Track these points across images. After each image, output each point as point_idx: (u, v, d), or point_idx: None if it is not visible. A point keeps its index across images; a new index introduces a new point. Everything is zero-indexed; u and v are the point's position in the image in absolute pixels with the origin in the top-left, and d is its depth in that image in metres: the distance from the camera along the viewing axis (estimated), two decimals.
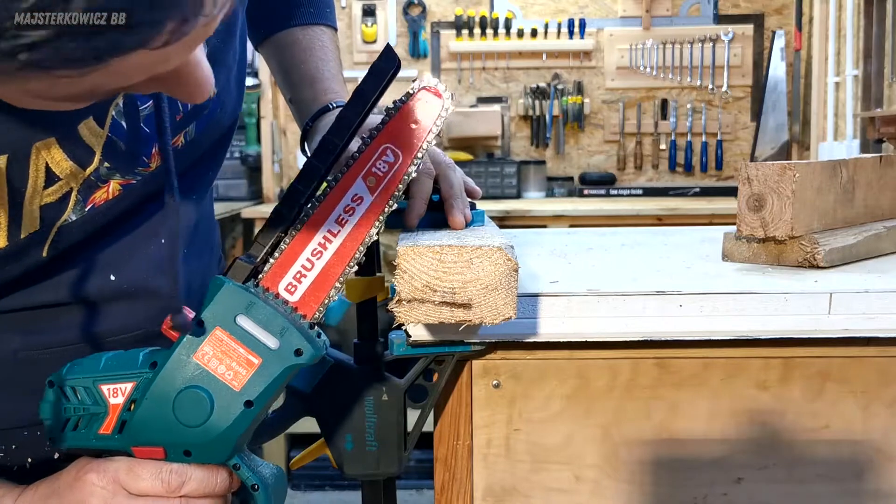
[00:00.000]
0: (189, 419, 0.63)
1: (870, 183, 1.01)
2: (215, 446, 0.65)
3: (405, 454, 0.82)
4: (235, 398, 0.63)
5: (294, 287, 0.66)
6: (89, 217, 0.72)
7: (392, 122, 0.69)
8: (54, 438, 0.66)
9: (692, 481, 0.83)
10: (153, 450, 0.65)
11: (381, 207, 0.67)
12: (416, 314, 0.70)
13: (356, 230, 0.66)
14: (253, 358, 0.63)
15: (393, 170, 0.68)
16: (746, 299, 0.76)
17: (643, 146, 3.99)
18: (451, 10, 3.95)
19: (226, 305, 0.63)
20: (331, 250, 0.66)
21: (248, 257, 0.66)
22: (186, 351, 0.63)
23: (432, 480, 0.85)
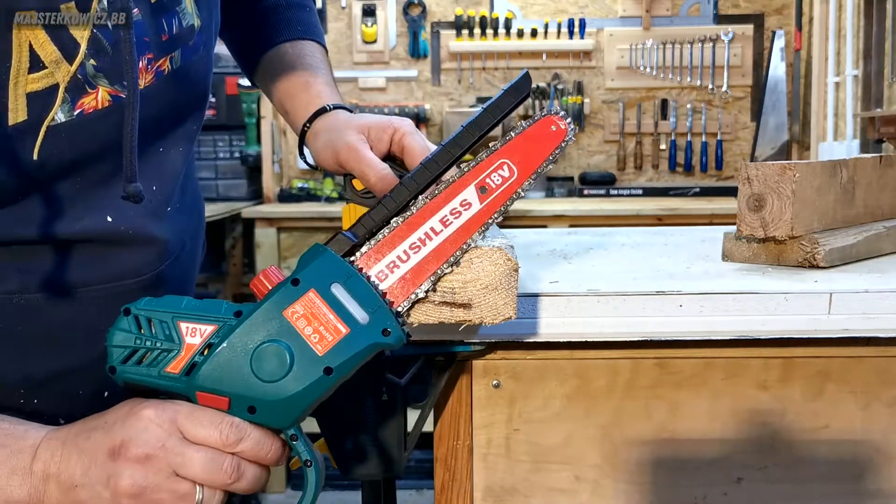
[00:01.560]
0: (265, 373, 0.63)
1: (870, 183, 1.01)
2: (283, 407, 0.64)
3: (405, 454, 0.82)
4: (316, 362, 0.63)
5: (385, 275, 0.68)
6: (78, 124, 0.71)
7: (514, 141, 0.72)
8: (115, 368, 0.64)
9: (692, 481, 0.83)
10: (218, 399, 0.63)
11: (486, 218, 0.70)
12: (415, 314, 0.70)
13: (458, 233, 0.69)
14: (341, 326, 0.63)
15: (505, 185, 0.70)
16: (746, 299, 0.76)
17: (643, 146, 3.99)
18: (451, 10, 3.95)
19: (323, 271, 0.64)
20: (429, 247, 0.68)
21: (351, 234, 0.68)
22: (277, 305, 0.63)
23: (432, 480, 0.85)
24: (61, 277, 0.76)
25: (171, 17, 0.78)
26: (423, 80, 3.97)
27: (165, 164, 0.83)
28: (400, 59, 3.98)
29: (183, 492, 0.62)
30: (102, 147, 0.74)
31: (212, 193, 3.55)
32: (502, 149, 0.71)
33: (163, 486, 0.61)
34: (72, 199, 0.74)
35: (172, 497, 0.62)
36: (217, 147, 3.60)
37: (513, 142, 0.72)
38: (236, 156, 3.63)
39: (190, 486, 0.62)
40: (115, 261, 0.79)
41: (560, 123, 0.72)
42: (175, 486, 0.62)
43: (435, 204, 0.69)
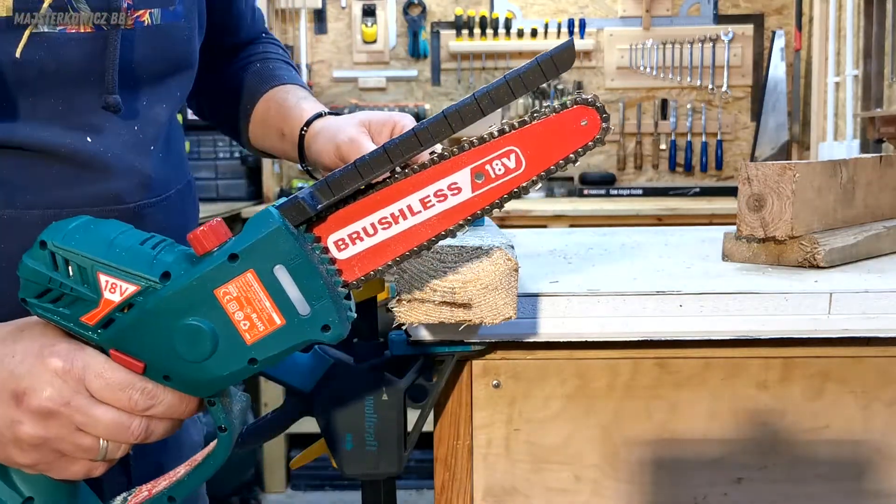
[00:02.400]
0: (185, 352, 0.57)
1: (870, 183, 1.01)
2: (201, 385, 0.59)
3: (405, 454, 0.82)
4: (242, 351, 0.57)
5: (345, 245, 0.59)
6: (59, 38, 0.74)
7: (532, 127, 0.59)
8: (27, 301, 0.59)
9: (692, 481, 0.83)
10: (133, 362, 0.58)
11: (475, 209, 0.59)
12: (416, 314, 0.70)
13: (437, 219, 0.59)
14: (276, 317, 0.57)
15: (508, 177, 0.59)
16: (746, 299, 0.76)
17: (643, 146, 3.99)
18: (451, 10, 3.95)
19: (269, 249, 0.56)
20: (400, 227, 0.59)
21: (311, 198, 0.58)
22: (208, 281, 0.56)
23: (432, 480, 0.85)
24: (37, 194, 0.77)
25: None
26: (423, 80, 3.98)
27: (149, 112, 0.84)
28: (400, 59, 3.98)
29: (86, 446, 0.61)
30: (84, 71, 0.76)
31: (212, 193, 3.55)
32: (514, 133, 0.58)
33: (65, 438, 0.60)
34: (51, 115, 0.76)
35: (75, 449, 0.61)
36: (217, 147, 3.60)
37: (529, 128, 0.58)
38: (236, 156, 3.63)
39: (94, 440, 0.61)
40: (94, 185, 0.79)
41: (594, 118, 0.59)
42: (78, 440, 0.60)
43: (419, 179, 0.59)
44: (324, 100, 3.97)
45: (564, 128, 0.59)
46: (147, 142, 0.84)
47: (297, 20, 3.92)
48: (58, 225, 0.59)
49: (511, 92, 0.56)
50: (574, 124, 0.59)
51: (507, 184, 0.59)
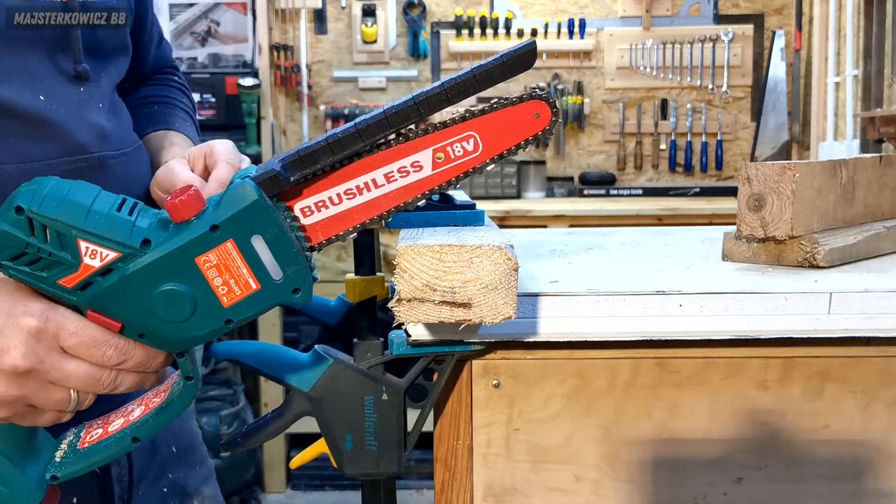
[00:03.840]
0: (164, 314, 0.60)
1: (870, 183, 1.01)
2: (177, 343, 0.62)
3: (405, 454, 0.82)
4: (220, 313, 0.61)
5: (311, 212, 0.64)
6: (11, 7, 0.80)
7: (490, 116, 0.66)
8: (1, 263, 0.60)
9: (692, 481, 0.83)
10: (110, 322, 0.61)
11: (433, 185, 0.65)
12: (415, 313, 0.70)
13: (398, 192, 0.65)
14: (252, 282, 0.60)
15: (466, 158, 0.65)
16: (746, 299, 0.76)
17: (643, 146, 3.99)
18: (451, 10, 3.95)
19: (248, 221, 0.59)
20: (364, 198, 0.65)
21: (283, 170, 0.62)
22: (189, 249, 0.59)
23: (432, 480, 0.85)
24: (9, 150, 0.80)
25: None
26: (423, 81, 3.97)
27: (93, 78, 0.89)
28: (400, 59, 3.98)
29: (58, 398, 0.63)
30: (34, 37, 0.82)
31: None
32: (474, 120, 0.65)
33: (39, 393, 0.62)
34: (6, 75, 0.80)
35: (47, 403, 0.63)
36: None
37: (488, 116, 0.65)
38: None
39: (65, 392, 0.63)
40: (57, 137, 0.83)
41: (545, 111, 0.66)
42: (49, 394, 0.62)
43: (384, 156, 0.64)
44: (324, 100, 3.97)
45: (519, 118, 0.66)
46: (95, 100, 0.89)
47: (297, 20, 3.92)
48: (31, 189, 0.59)
49: (477, 84, 0.62)
50: (528, 115, 0.66)
51: (464, 164, 0.66)
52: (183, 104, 1.14)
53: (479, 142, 0.66)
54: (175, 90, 1.16)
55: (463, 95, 0.63)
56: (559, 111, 0.66)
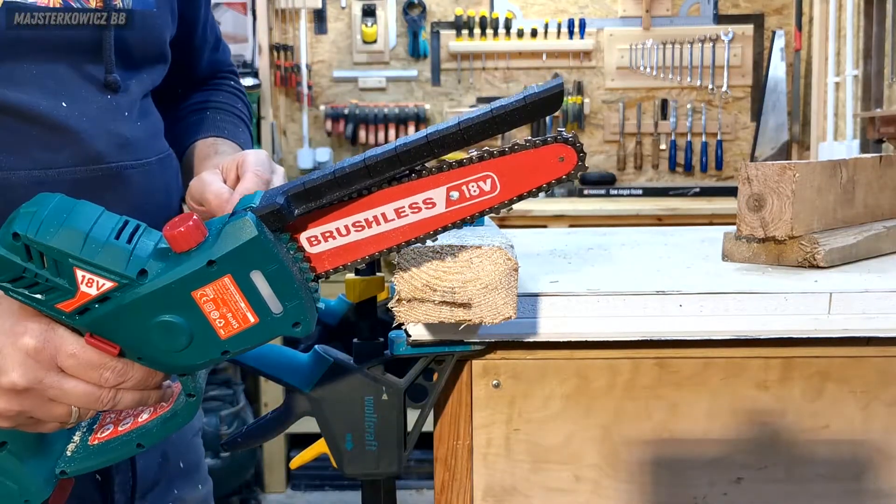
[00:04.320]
0: (161, 343, 0.60)
1: (870, 183, 1.01)
2: (175, 369, 0.62)
3: (405, 454, 0.82)
4: (216, 345, 0.61)
5: (317, 241, 0.63)
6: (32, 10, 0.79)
7: (510, 157, 0.62)
8: (0, 285, 0.60)
9: (692, 481, 0.83)
10: (108, 347, 0.61)
11: (445, 223, 0.63)
12: (415, 314, 0.70)
13: (409, 228, 0.63)
14: (251, 316, 0.60)
15: (481, 198, 0.63)
16: (746, 299, 0.76)
17: (643, 146, 3.99)
18: (451, 10, 3.95)
19: (246, 256, 0.58)
20: (374, 231, 0.63)
21: (286, 203, 0.60)
22: (186, 284, 0.58)
23: (432, 480, 0.85)
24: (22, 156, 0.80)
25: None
26: (423, 80, 3.97)
27: (123, 87, 0.88)
28: (400, 59, 3.98)
29: (59, 413, 0.64)
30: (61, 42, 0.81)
31: None
32: (493, 161, 0.62)
33: (39, 409, 0.63)
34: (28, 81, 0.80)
35: (48, 416, 0.64)
36: None
37: (509, 157, 0.62)
38: None
39: (66, 407, 0.63)
40: (74, 146, 0.82)
41: (571, 156, 0.62)
42: (51, 410, 0.63)
43: (395, 192, 0.62)
44: (324, 100, 3.97)
45: (542, 161, 0.62)
46: (121, 108, 0.88)
47: (297, 20, 3.92)
48: (30, 211, 0.59)
49: (496, 126, 0.59)
50: (552, 159, 0.62)
51: (479, 204, 0.63)
52: (237, 109, 1.11)
53: (496, 182, 0.62)
54: (229, 95, 1.12)
55: (480, 137, 0.60)
56: (584, 155, 0.62)
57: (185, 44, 1.04)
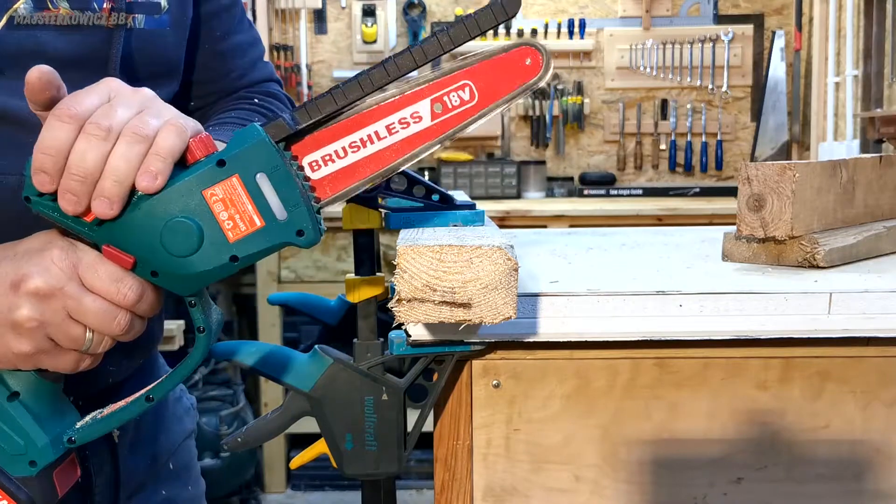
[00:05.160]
0: (173, 246, 0.62)
1: (870, 183, 1.01)
2: (185, 281, 0.64)
3: (405, 454, 0.82)
4: (224, 248, 0.63)
5: (318, 166, 0.66)
6: (37, 27, 0.79)
7: (483, 64, 0.67)
8: (30, 198, 0.64)
9: (692, 481, 0.83)
10: (124, 257, 0.63)
11: (433, 136, 0.67)
12: (415, 314, 0.70)
13: (400, 144, 0.67)
14: (257, 219, 0.63)
15: (463, 107, 0.67)
16: (746, 299, 0.76)
17: (643, 146, 3.99)
18: (451, 10, 3.95)
19: (253, 158, 0.62)
20: (369, 150, 0.67)
21: (291, 119, 0.65)
22: (198, 183, 0.62)
23: (432, 480, 0.85)
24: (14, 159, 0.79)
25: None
26: None
27: None
28: None
29: (74, 335, 0.65)
30: (66, 58, 0.80)
31: None
32: (469, 69, 0.67)
33: (58, 325, 0.65)
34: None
35: (65, 338, 0.65)
36: None
37: (481, 64, 0.67)
38: None
39: (81, 330, 0.65)
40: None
41: (537, 58, 0.66)
42: (68, 329, 0.65)
43: (385, 108, 0.66)
44: None
45: (512, 65, 0.67)
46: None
47: (297, 20, 3.92)
48: None
49: (467, 31, 0.65)
50: (520, 63, 0.67)
51: (461, 114, 0.67)
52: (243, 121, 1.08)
53: (474, 91, 0.67)
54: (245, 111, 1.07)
55: (455, 43, 0.66)
56: (549, 57, 0.67)
57: (208, 63, 1.03)
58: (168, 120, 0.64)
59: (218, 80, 1.06)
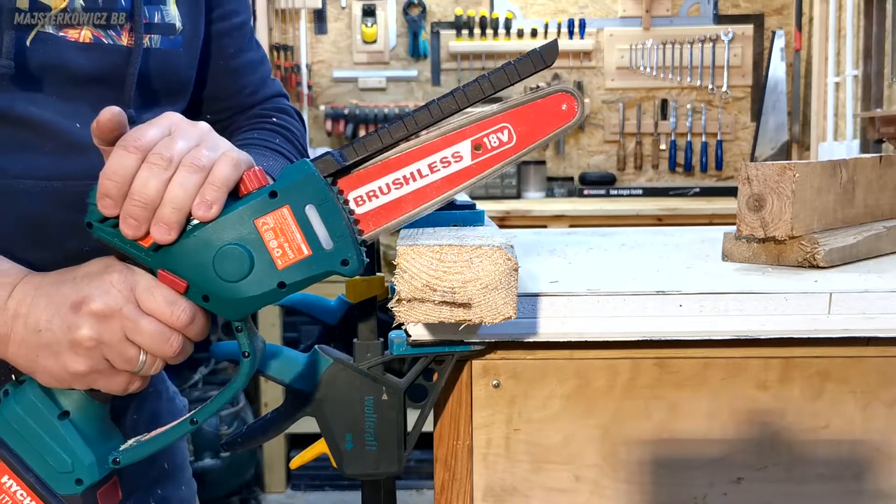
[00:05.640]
0: (224, 272, 0.66)
1: (870, 183, 1.01)
2: (234, 306, 0.67)
3: (405, 454, 0.82)
4: (273, 275, 0.66)
5: (363, 201, 0.69)
6: (61, 44, 0.81)
7: (522, 108, 0.71)
8: (91, 224, 0.67)
9: (692, 481, 0.83)
10: (177, 281, 0.67)
11: (473, 175, 0.70)
12: (415, 314, 0.70)
13: (441, 182, 0.70)
14: (305, 248, 0.66)
15: (501, 149, 0.70)
16: (746, 299, 0.76)
17: (643, 146, 3.99)
18: (451, 10, 3.95)
19: (303, 190, 0.66)
20: (412, 187, 0.70)
21: (340, 155, 0.68)
22: (250, 212, 0.65)
23: (432, 480, 0.85)
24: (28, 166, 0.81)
25: (153, 10, 0.89)
26: (423, 81, 3.98)
27: (138, 118, 0.89)
28: (400, 60, 3.98)
29: (129, 355, 0.68)
30: (84, 75, 0.83)
31: None
32: (508, 112, 0.70)
33: (114, 346, 0.67)
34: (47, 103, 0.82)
35: (120, 358, 0.68)
36: None
37: (520, 109, 0.70)
38: None
39: (136, 351, 0.68)
40: (81, 161, 0.83)
41: (572, 104, 0.71)
42: (124, 349, 0.68)
43: (428, 147, 0.70)
44: (324, 100, 3.97)
45: (549, 110, 0.71)
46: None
47: (297, 20, 3.92)
48: None
49: (508, 78, 0.69)
50: (556, 108, 0.71)
51: (499, 155, 0.70)
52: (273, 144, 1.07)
53: (512, 133, 0.70)
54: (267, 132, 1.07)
55: (496, 89, 0.69)
56: (584, 104, 0.72)
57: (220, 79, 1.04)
58: (224, 152, 0.68)
59: (232, 97, 1.08)
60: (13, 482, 0.71)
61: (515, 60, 0.69)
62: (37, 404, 0.71)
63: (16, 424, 0.71)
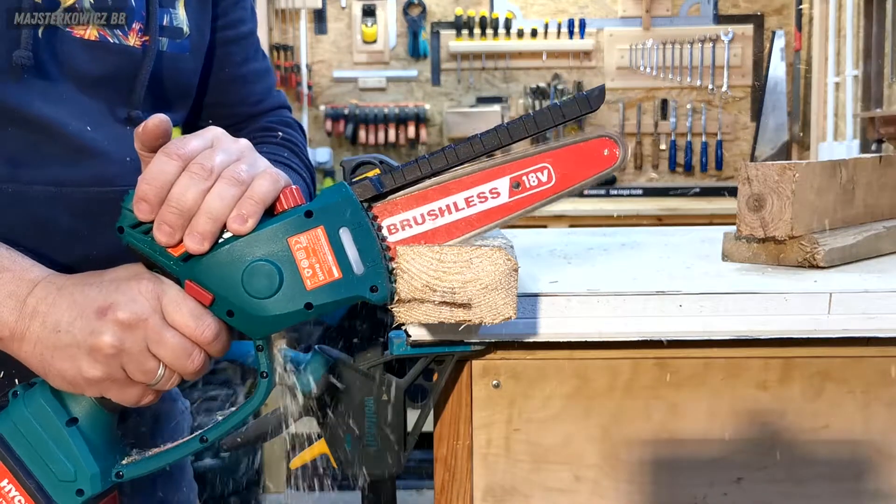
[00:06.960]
0: (252, 287, 0.65)
1: (870, 183, 1.01)
2: (259, 322, 0.66)
3: (405, 454, 0.82)
4: (301, 294, 0.65)
5: (396, 230, 0.69)
6: (67, 42, 0.81)
7: (564, 149, 0.70)
8: (122, 229, 0.67)
9: (692, 481, 0.83)
10: (204, 293, 0.66)
11: (509, 213, 0.70)
12: (415, 314, 0.70)
13: (476, 217, 0.70)
14: (335, 270, 0.65)
15: (540, 188, 0.70)
16: (746, 299, 0.76)
17: (643, 146, 4.00)
18: (451, 10, 3.95)
19: (338, 213, 0.65)
20: (445, 220, 0.70)
21: (378, 181, 0.69)
22: (284, 230, 0.65)
23: (432, 480, 0.85)
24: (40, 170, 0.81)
25: (163, 12, 0.88)
26: (423, 80, 3.98)
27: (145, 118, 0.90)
28: (400, 59, 3.98)
29: (148, 367, 0.67)
30: (92, 73, 0.83)
31: None
32: (550, 153, 0.70)
33: (135, 356, 0.66)
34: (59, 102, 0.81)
35: (138, 370, 0.67)
36: None
37: (562, 150, 0.70)
38: None
39: (156, 364, 0.67)
40: (91, 167, 0.83)
41: (614, 150, 0.70)
42: (143, 361, 0.67)
43: (467, 181, 0.70)
44: (324, 100, 3.97)
45: (591, 154, 0.70)
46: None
47: (297, 20, 3.92)
48: None
49: (552, 119, 0.69)
50: (598, 152, 0.70)
51: (538, 194, 0.70)
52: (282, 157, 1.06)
53: (552, 173, 0.70)
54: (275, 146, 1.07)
55: (539, 128, 0.69)
56: (626, 150, 0.71)
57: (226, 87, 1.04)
58: (265, 169, 0.67)
59: (235, 105, 1.08)
60: (12, 487, 0.70)
61: (562, 102, 0.69)
62: (46, 408, 0.70)
63: (22, 428, 0.70)
